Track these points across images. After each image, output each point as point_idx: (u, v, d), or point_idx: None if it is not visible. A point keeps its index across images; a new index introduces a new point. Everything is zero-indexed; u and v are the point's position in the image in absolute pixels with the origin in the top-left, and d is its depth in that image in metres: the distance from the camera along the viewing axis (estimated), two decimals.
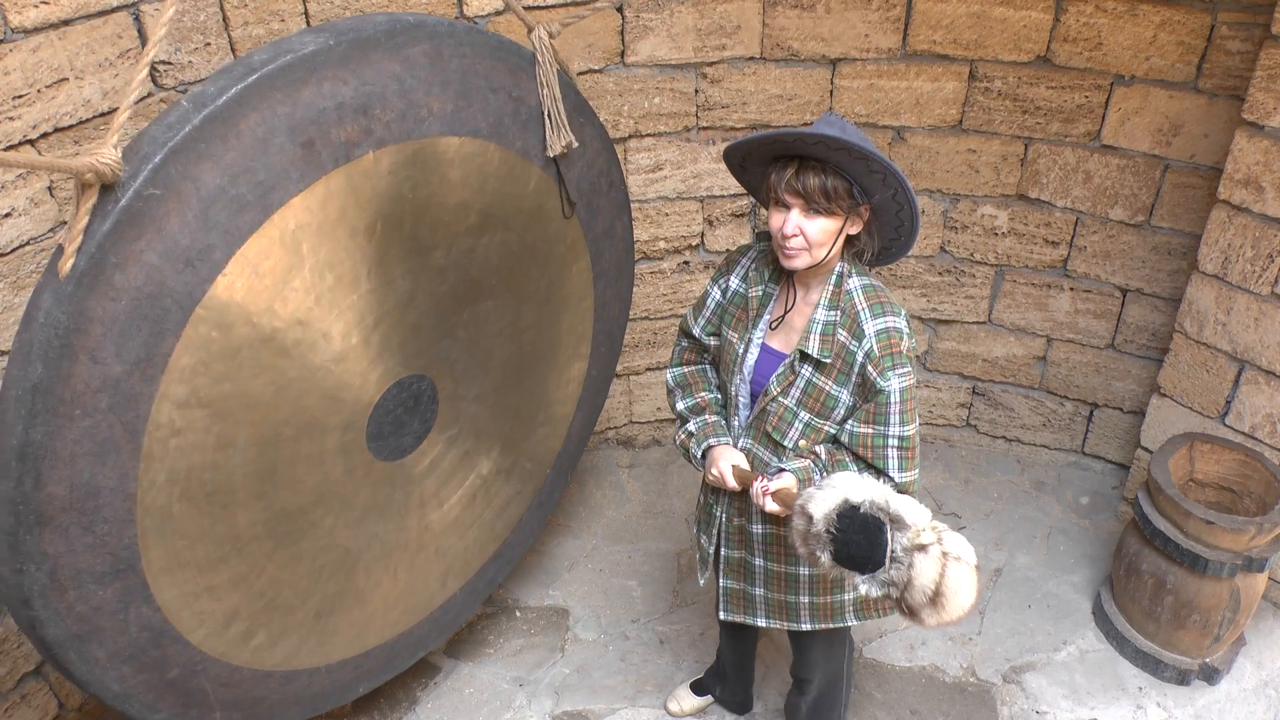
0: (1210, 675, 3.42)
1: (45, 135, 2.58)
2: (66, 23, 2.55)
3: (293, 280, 2.26)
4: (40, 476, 1.97)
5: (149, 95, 2.81)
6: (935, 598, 1.94)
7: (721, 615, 2.77)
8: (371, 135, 2.28)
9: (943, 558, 1.94)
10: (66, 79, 2.59)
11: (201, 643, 2.43)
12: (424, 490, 2.94)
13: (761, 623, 2.71)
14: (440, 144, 2.46)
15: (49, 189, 2.67)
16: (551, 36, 2.64)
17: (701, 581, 2.80)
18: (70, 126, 2.63)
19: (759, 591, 2.67)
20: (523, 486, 3.37)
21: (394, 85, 2.29)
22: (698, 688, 3.38)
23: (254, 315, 2.21)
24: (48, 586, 2.06)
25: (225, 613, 2.46)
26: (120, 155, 1.88)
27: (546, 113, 2.69)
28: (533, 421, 3.27)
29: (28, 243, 2.66)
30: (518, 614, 3.79)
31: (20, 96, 2.50)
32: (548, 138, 2.72)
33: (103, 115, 2.70)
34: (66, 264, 1.87)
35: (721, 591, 2.75)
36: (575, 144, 2.79)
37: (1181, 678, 3.42)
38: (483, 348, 2.91)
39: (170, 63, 2.83)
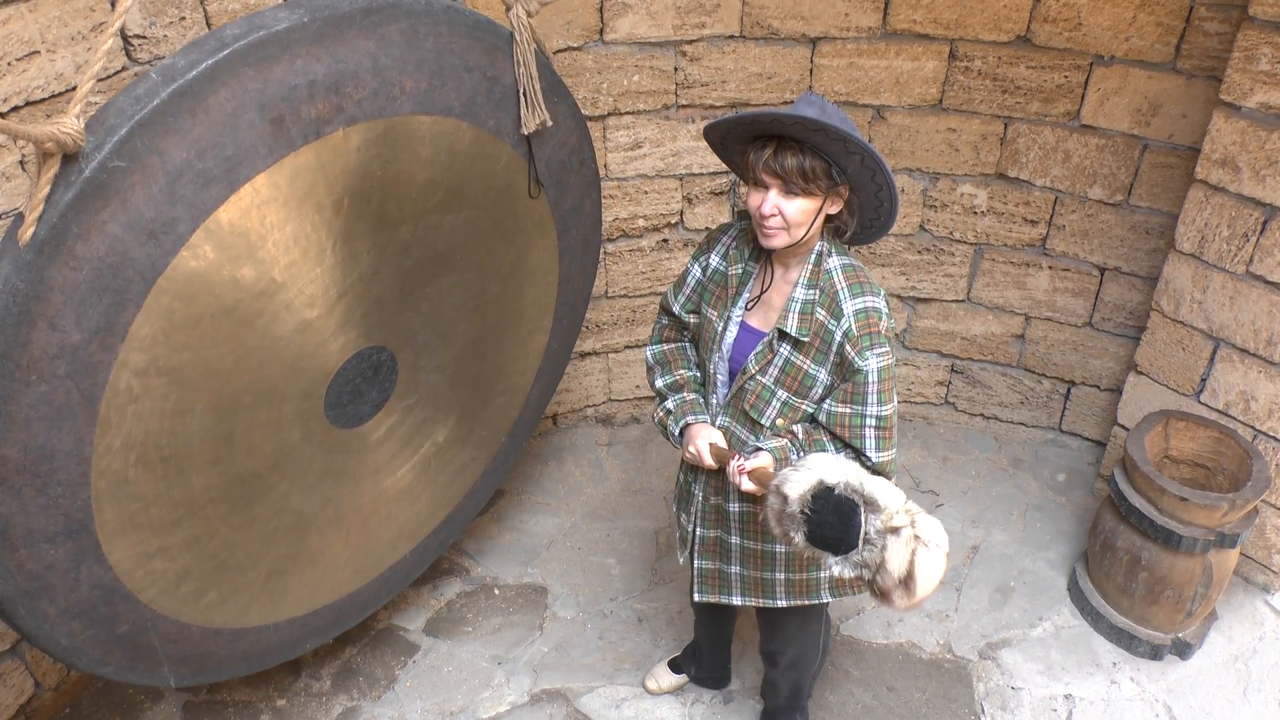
0: (1183, 650, 3.46)
1: (16, 109, 2.54)
2: None
3: (257, 253, 2.27)
4: None
5: (123, 70, 2.78)
6: (906, 580, 1.96)
7: (696, 597, 2.78)
8: (343, 113, 2.28)
9: (914, 541, 1.96)
10: (38, 52, 2.55)
11: (152, 601, 2.47)
12: (379, 457, 2.98)
13: (737, 601, 2.72)
14: (412, 122, 2.46)
15: (20, 163, 2.63)
16: (530, 15, 2.63)
17: (681, 560, 2.81)
18: (42, 100, 2.59)
19: (735, 569, 2.68)
20: (477, 453, 3.41)
21: (368, 63, 2.29)
22: (675, 666, 3.39)
23: (217, 287, 2.22)
24: None
25: (177, 573, 2.50)
26: (83, 126, 1.87)
27: (522, 91, 2.69)
28: (491, 391, 3.31)
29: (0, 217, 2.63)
30: (496, 592, 3.80)
31: None
32: (522, 116, 2.72)
33: (75, 89, 2.66)
34: (27, 232, 1.88)
35: (696, 573, 2.75)
36: (549, 122, 2.79)
37: (1154, 652, 3.46)
38: (445, 320, 2.94)
39: (145, 36, 2.79)
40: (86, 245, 1.95)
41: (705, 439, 2.45)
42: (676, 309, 2.62)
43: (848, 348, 2.25)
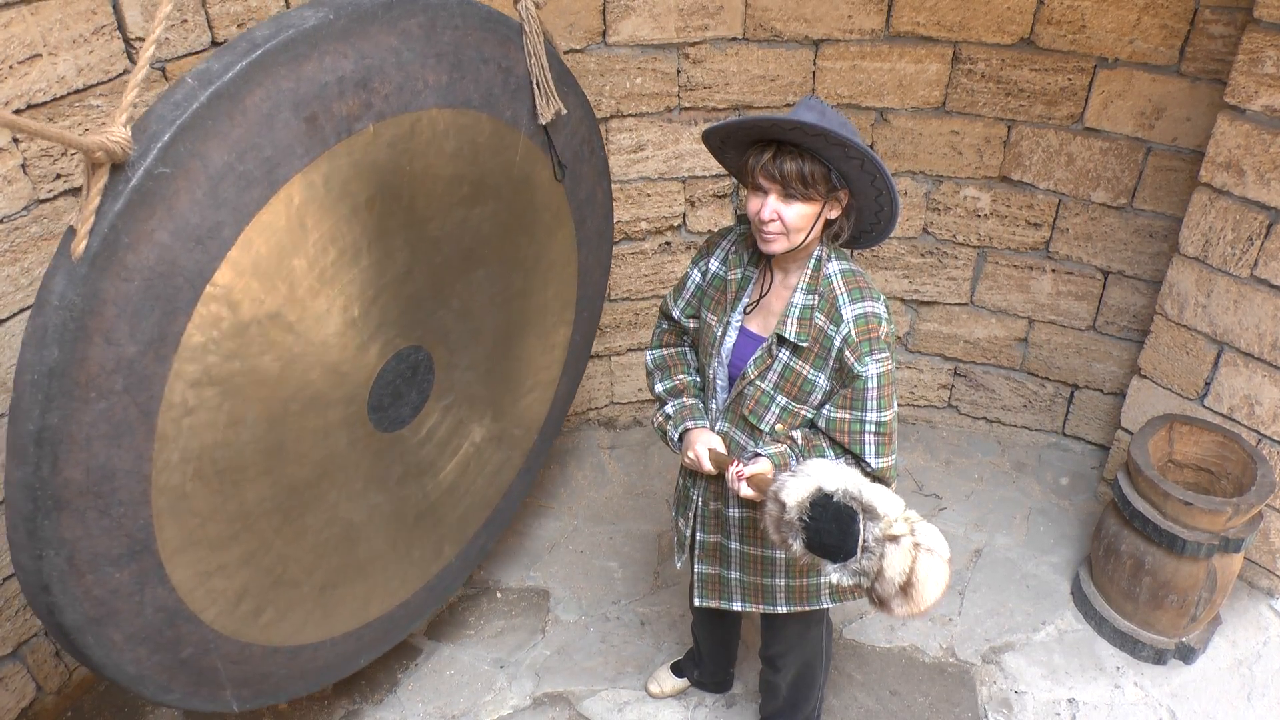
0: (1186, 654, 3.45)
1: (18, 112, 2.54)
2: None
3: (297, 256, 2.27)
4: (57, 461, 1.96)
5: (124, 73, 2.77)
6: (905, 588, 1.95)
7: (696, 601, 2.77)
8: (371, 108, 2.29)
9: (914, 549, 1.95)
10: (39, 55, 2.55)
11: (213, 621, 2.44)
12: (421, 460, 2.98)
13: (737, 606, 2.71)
14: (436, 115, 2.47)
15: (22, 166, 2.63)
16: (538, 6, 2.64)
17: (679, 564, 2.80)
18: (44, 103, 2.59)
19: (735, 575, 2.67)
20: (512, 452, 3.40)
21: (392, 58, 2.30)
22: (678, 669, 3.38)
23: (261, 291, 2.21)
24: (66, 571, 2.06)
25: (236, 590, 2.48)
26: (130, 134, 1.85)
27: (535, 81, 2.72)
28: (521, 387, 3.31)
29: (1, 221, 2.62)
30: (498, 595, 3.79)
31: None
32: (538, 105, 2.75)
33: (77, 92, 2.66)
34: (80, 245, 1.85)
35: (696, 578, 2.74)
36: (564, 111, 2.81)
37: (1158, 657, 3.45)
38: (475, 316, 2.94)
39: (145, 39, 2.79)
40: (137, 255, 1.93)
41: (704, 444, 2.44)
42: (676, 314, 2.61)
43: (847, 353, 2.25)
